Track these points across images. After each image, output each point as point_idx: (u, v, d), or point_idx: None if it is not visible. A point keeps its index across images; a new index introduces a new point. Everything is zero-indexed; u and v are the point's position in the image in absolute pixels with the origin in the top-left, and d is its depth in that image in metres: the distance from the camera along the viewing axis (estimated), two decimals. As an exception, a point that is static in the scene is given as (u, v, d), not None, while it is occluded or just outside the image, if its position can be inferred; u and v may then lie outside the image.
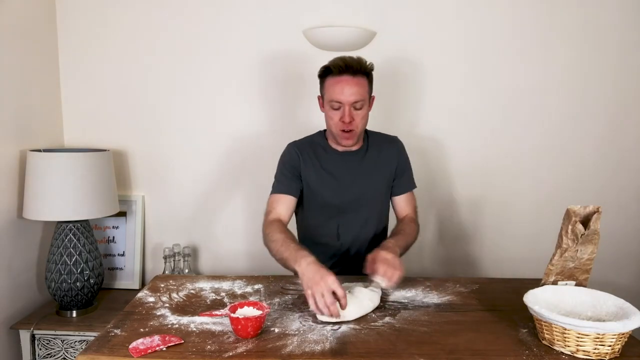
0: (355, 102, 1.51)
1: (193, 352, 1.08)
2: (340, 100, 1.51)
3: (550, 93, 2.16)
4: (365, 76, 1.55)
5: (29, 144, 2.01)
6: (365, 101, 1.55)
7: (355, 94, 1.51)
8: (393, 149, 1.70)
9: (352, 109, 1.53)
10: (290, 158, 1.67)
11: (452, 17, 2.12)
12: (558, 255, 1.24)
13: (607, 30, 2.11)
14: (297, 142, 1.72)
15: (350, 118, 1.52)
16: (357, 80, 1.51)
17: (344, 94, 1.50)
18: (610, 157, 2.20)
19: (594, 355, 1.06)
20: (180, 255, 2.17)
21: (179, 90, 2.21)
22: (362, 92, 1.52)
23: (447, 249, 2.30)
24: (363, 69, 1.53)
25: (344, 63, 1.51)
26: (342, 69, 1.51)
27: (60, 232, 1.93)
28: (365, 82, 1.54)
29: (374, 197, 1.68)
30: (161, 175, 2.27)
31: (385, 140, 1.72)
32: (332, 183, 1.65)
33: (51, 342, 1.91)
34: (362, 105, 1.54)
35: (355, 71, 1.51)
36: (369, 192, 1.67)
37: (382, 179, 1.68)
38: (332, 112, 1.55)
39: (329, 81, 1.54)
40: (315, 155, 1.66)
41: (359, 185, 1.65)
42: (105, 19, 2.17)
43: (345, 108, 1.52)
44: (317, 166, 1.65)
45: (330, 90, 1.53)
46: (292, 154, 1.67)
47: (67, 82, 2.22)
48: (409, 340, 1.15)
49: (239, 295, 1.43)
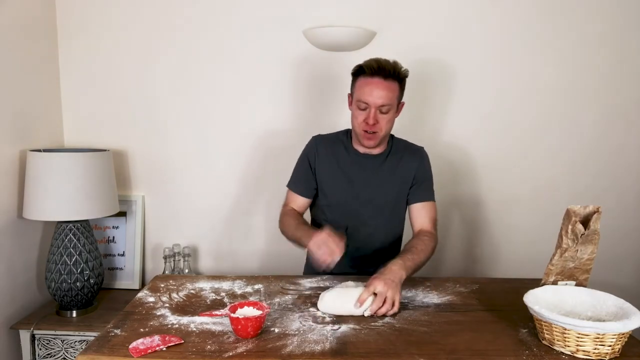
0: (382, 105, 1.50)
1: (193, 352, 1.08)
2: (367, 102, 1.50)
3: (552, 93, 2.16)
4: (398, 81, 1.53)
5: (29, 144, 2.01)
6: (392, 106, 1.53)
7: (384, 98, 1.49)
8: (415, 158, 1.67)
9: (378, 112, 1.51)
10: (307, 153, 1.69)
11: (453, 16, 2.12)
12: (558, 255, 1.24)
13: (606, 30, 2.11)
14: (322, 136, 1.72)
15: (374, 120, 1.51)
16: (387, 84, 1.50)
17: (372, 96, 1.49)
18: (610, 157, 2.20)
19: (594, 355, 1.06)
20: (180, 255, 2.17)
21: (179, 90, 2.21)
22: (391, 96, 1.51)
23: (447, 249, 2.30)
24: (396, 73, 1.52)
25: (377, 65, 1.50)
26: (374, 71, 1.49)
27: (60, 232, 1.93)
28: (396, 86, 1.52)
29: (386, 203, 1.66)
30: (161, 175, 2.27)
31: (409, 149, 1.69)
32: (345, 183, 1.64)
33: (51, 342, 1.91)
34: (388, 109, 1.52)
35: (387, 74, 1.50)
36: (381, 198, 1.65)
37: (398, 186, 1.65)
38: (358, 111, 1.54)
39: (360, 81, 1.53)
40: (335, 153, 1.66)
41: (373, 190, 1.64)
42: (105, 19, 2.17)
43: (372, 110, 1.51)
44: (334, 164, 1.65)
45: (359, 90, 1.53)
46: (310, 148, 1.69)
47: (67, 82, 2.22)
48: (409, 340, 1.15)
49: (239, 295, 1.43)
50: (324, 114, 2.17)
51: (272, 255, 2.27)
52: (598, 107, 2.17)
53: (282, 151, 2.15)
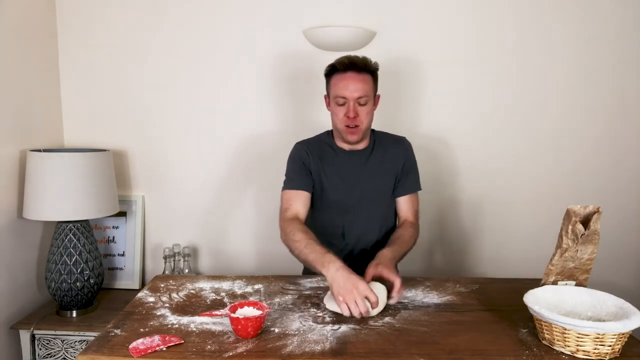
0: (359, 97, 1.54)
1: (193, 352, 1.08)
2: (345, 96, 1.54)
3: (550, 92, 2.16)
4: (370, 74, 1.58)
5: (29, 144, 2.01)
6: (369, 97, 1.57)
7: (360, 90, 1.54)
8: (400, 149, 1.70)
9: (357, 105, 1.55)
10: (300, 156, 1.68)
11: (453, 16, 2.12)
12: (558, 255, 1.24)
13: (606, 30, 2.11)
14: (305, 141, 1.73)
15: (354, 113, 1.55)
16: (361, 77, 1.54)
17: (349, 90, 1.54)
18: (610, 157, 2.20)
19: (594, 355, 1.06)
20: (180, 255, 2.17)
21: (179, 90, 2.21)
22: (367, 88, 1.55)
23: (447, 248, 2.30)
24: (367, 66, 1.56)
25: (348, 60, 1.55)
26: (346, 66, 1.54)
27: (60, 232, 1.93)
28: (369, 79, 1.57)
29: (378, 196, 1.68)
30: (161, 175, 2.27)
31: (392, 140, 1.72)
32: (337, 182, 1.65)
33: (51, 342, 1.91)
34: (366, 101, 1.56)
35: (360, 68, 1.55)
36: (373, 191, 1.67)
37: (388, 179, 1.68)
38: (337, 108, 1.58)
39: (335, 78, 1.58)
40: (323, 154, 1.67)
41: (364, 185, 1.65)
42: (105, 19, 2.17)
43: (350, 103, 1.54)
44: (324, 165, 1.66)
45: (335, 86, 1.57)
46: (301, 152, 1.69)
47: (67, 82, 2.22)
48: (409, 340, 1.15)
49: (239, 295, 1.43)
50: (324, 114, 2.16)
51: (272, 255, 2.26)
52: (598, 107, 2.17)
53: (281, 150, 2.14)
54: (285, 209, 1.61)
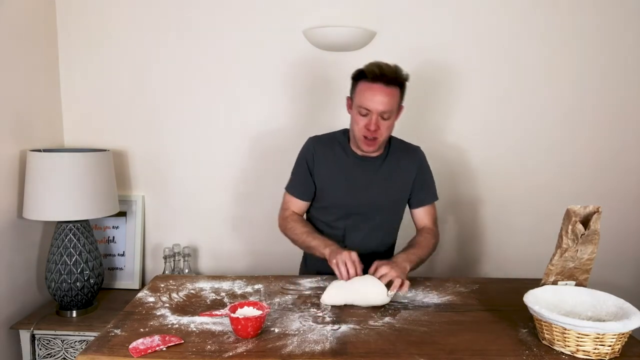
0: (383, 112, 1.49)
1: (193, 352, 1.08)
2: (369, 108, 1.48)
3: (549, 92, 2.16)
4: (399, 87, 1.52)
5: (29, 144, 2.01)
6: (393, 112, 1.52)
7: (385, 104, 1.48)
8: (414, 160, 1.67)
9: (380, 118, 1.50)
10: (305, 154, 1.67)
11: (453, 16, 2.12)
12: (558, 255, 1.24)
13: (606, 29, 2.11)
14: (318, 137, 1.70)
15: (376, 127, 1.50)
16: (389, 90, 1.48)
17: (374, 102, 1.48)
18: (610, 157, 2.20)
19: (594, 355, 1.06)
20: (180, 255, 2.17)
21: (179, 90, 2.21)
22: (392, 102, 1.49)
23: (447, 248, 2.30)
24: (398, 79, 1.50)
25: (379, 70, 1.48)
26: (376, 77, 1.47)
27: (60, 232, 1.93)
28: (397, 92, 1.51)
29: (386, 205, 1.66)
30: (161, 175, 2.27)
31: (407, 149, 1.69)
32: (343, 185, 1.63)
33: (51, 342, 1.91)
34: (389, 116, 1.51)
35: (389, 81, 1.48)
36: (381, 200, 1.64)
37: (398, 189, 1.66)
38: (359, 117, 1.52)
39: (361, 86, 1.51)
40: (333, 154, 1.65)
41: (372, 192, 1.63)
42: (105, 18, 2.17)
43: (373, 117, 1.49)
44: (332, 165, 1.64)
45: (360, 95, 1.50)
46: (308, 150, 1.67)
47: (67, 82, 2.22)
48: (409, 340, 1.15)
49: (239, 295, 1.43)
50: (324, 114, 2.17)
51: (272, 255, 2.26)
52: (599, 107, 2.17)
53: (282, 150, 2.15)
54: (285, 209, 1.70)
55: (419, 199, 1.68)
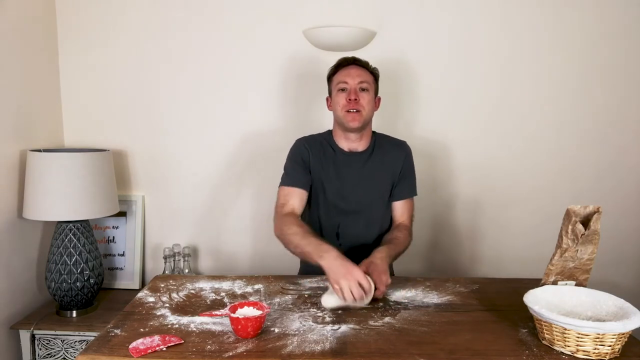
0: (361, 82, 1.59)
1: (193, 352, 1.08)
2: (347, 81, 1.60)
3: (549, 92, 2.16)
4: (371, 74, 1.65)
5: (29, 144, 2.01)
6: (370, 86, 1.62)
7: (362, 76, 1.61)
8: (400, 153, 1.70)
9: (359, 90, 1.59)
10: (300, 151, 1.68)
11: (453, 16, 2.12)
12: (558, 255, 1.24)
13: (604, 30, 2.11)
14: (307, 137, 1.74)
15: (355, 95, 1.58)
16: (363, 70, 1.63)
17: (351, 75, 1.60)
18: (610, 158, 2.20)
19: (594, 355, 1.06)
20: (180, 255, 2.17)
21: (179, 91, 2.21)
22: (368, 78, 1.62)
23: (447, 249, 2.30)
24: (369, 66, 1.66)
25: (352, 57, 1.65)
26: (349, 62, 1.64)
27: (60, 232, 1.93)
28: (370, 77, 1.64)
29: (376, 199, 1.68)
30: (161, 175, 2.27)
31: (393, 143, 1.73)
32: (335, 182, 1.66)
33: (51, 342, 1.91)
34: (367, 87, 1.61)
35: (362, 65, 1.64)
36: (371, 194, 1.67)
37: (386, 182, 1.68)
38: (339, 95, 1.61)
39: (338, 73, 1.65)
40: (323, 153, 1.68)
41: (362, 187, 1.65)
42: (105, 18, 2.17)
43: (351, 88, 1.59)
44: (324, 163, 1.66)
45: (337, 76, 1.64)
46: (301, 148, 1.69)
47: (67, 82, 2.22)
48: (409, 340, 1.15)
49: (239, 295, 1.43)
50: (324, 114, 2.16)
51: (272, 255, 2.26)
52: (599, 107, 2.17)
53: (282, 150, 2.14)
54: (281, 205, 1.61)
55: (400, 191, 1.70)
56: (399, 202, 1.70)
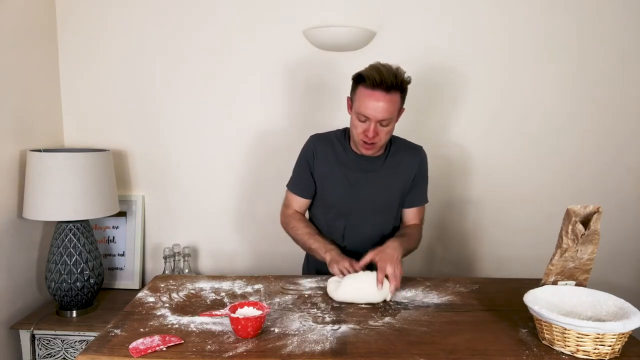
0: (382, 120, 1.47)
1: (193, 352, 1.08)
2: (368, 116, 1.46)
3: (549, 93, 2.16)
4: (399, 91, 1.48)
5: (29, 144, 2.01)
6: (392, 118, 1.50)
7: (384, 112, 1.45)
8: (415, 159, 1.66)
9: (378, 125, 1.48)
10: (305, 153, 1.68)
11: (453, 16, 2.12)
12: (558, 255, 1.24)
13: (606, 29, 2.11)
14: (319, 135, 1.70)
15: (374, 134, 1.48)
16: (389, 97, 1.45)
17: (373, 110, 1.45)
18: (610, 157, 2.20)
19: (594, 355, 1.06)
20: (180, 255, 2.17)
21: (179, 91, 2.21)
22: (392, 109, 1.46)
23: (447, 249, 2.30)
24: (398, 83, 1.45)
25: (379, 77, 1.43)
26: (376, 84, 1.43)
27: (60, 232, 1.93)
28: (397, 98, 1.48)
29: (387, 204, 1.66)
30: (161, 175, 2.27)
31: (409, 149, 1.68)
32: (344, 183, 1.63)
33: (51, 342, 1.91)
34: (388, 122, 1.49)
35: (389, 87, 1.44)
36: (382, 198, 1.65)
37: (398, 187, 1.65)
38: (358, 122, 1.50)
39: (361, 91, 1.48)
40: (333, 152, 1.64)
41: (373, 191, 1.63)
42: (105, 19, 2.17)
43: (372, 124, 1.47)
44: (332, 164, 1.64)
45: (360, 101, 1.48)
46: (308, 148, 1.67)
47: (67, 82, 2.22)
48: (409, 340, 1.15)
49: (239, 295, 1.43)
50: (324, 114, 2.17)
51: (271, 255, 2.27)
52: (599, 107, 2.17)
53: (282, 150, 2.16)
54: (287, 206, 1.73)
55: (412, 199, 1.69)
56: (410, 209, 1.70)
